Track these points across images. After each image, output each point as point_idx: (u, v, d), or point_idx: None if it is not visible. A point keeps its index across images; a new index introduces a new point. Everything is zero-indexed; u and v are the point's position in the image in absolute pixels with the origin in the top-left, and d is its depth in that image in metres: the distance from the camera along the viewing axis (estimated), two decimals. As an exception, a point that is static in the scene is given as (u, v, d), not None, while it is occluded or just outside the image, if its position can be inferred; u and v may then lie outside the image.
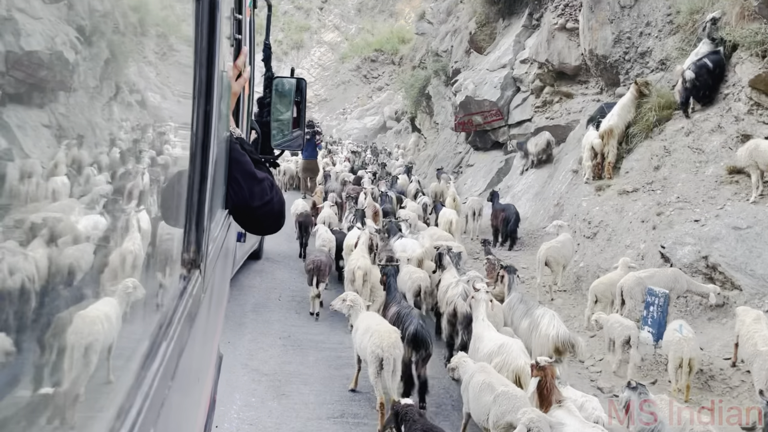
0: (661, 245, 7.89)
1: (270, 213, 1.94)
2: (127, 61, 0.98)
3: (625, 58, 11.59)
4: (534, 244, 10.64)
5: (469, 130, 15.28)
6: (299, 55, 41.00)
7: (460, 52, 22.50)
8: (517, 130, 14.36)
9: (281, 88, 3.15)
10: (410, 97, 26.06)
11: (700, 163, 9.03)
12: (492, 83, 14.54)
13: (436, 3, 26.63)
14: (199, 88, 1.27)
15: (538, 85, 13.84)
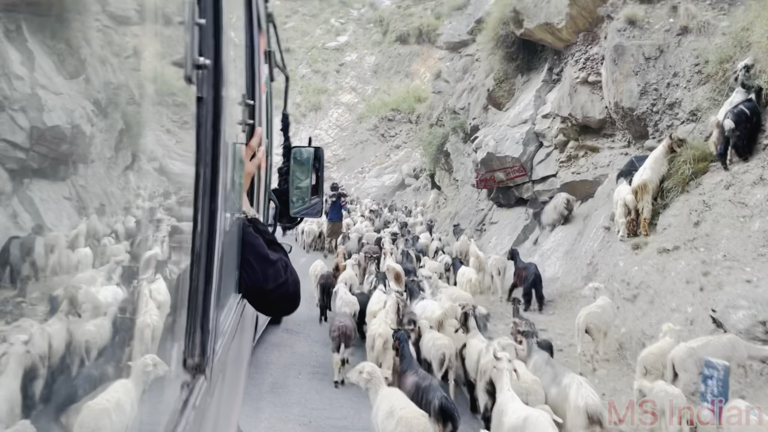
0: (712, 309, 7.20)
1: (285, 295, 1.89)
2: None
3: (652, 110, 11.16)
4: (568, 307, 9.96)
5: (491, 186, 14.83)
6: (317, 117, 41.45)
7: (478, 108, 22.37)
8: (542, 186, 13.87)
9: (299, 156, 3.18)
10: (428, 154, 25.86)
11: (744, 218, 8.41)
12: (513, 139, 14.17)
13: (452, 62, 26.77)
14: (203, 189, 1.20)
15: (562, 139, 13.43)
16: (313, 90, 41.88)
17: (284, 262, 1.91)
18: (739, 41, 9.93)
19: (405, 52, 42.67)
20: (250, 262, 1.82)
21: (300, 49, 44.67)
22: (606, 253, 10.13)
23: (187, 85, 1.04)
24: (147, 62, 1.02)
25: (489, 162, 14.49)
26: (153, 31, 1.03)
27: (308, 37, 46.03)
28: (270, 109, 3.68)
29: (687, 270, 8.11)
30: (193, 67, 1.02)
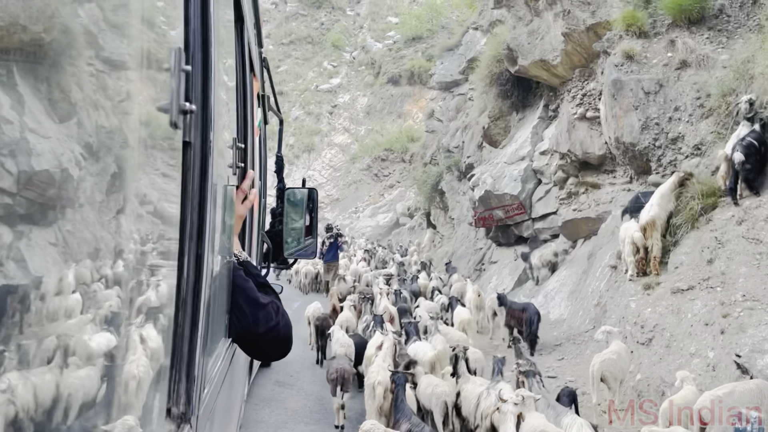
0: (736, 354, 6.68)
1: (276, 338, 1.85)
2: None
3: (655, 144, 10.83)
4: (577, 351, 9.39)
5: (489, 225, 14.40)
6: (310, 158, 41.28)
7: (472, 147, 22.14)
8: (542, 224, 13.45)
9: (293, 198, 3.16)
10: (423, 193, 25.52)
11: (761, 255, 7.97)
12: (511, 176, 13.81)
13: (444, 101, 26.69)
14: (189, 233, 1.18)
15: (561, 176, 13.07)
16: (306, 131, 41.82)
17: (275, 306, 1.86)
18: (741, 74, 9.67)
19: (397, 93, 42.81)
20: (240, 305, 1.78)
21: (293, 92, 44.79)
22: (615, 294, 9.63)
23: (173, 130, 1.03)
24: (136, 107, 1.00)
25: (487, 200, 14.09)
26: (144, 76, 1.01)
27: (301, 80, 46.22)
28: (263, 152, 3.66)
29: (705, 311, 7.61)
30: (179, 113, 1.02)
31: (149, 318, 1.07)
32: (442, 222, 26.27)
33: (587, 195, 12.55)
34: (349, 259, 21.23)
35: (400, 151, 38.19)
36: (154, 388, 1.08)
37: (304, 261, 21.36)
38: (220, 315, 1.66)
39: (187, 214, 1.17)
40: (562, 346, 9.76)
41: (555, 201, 13.18)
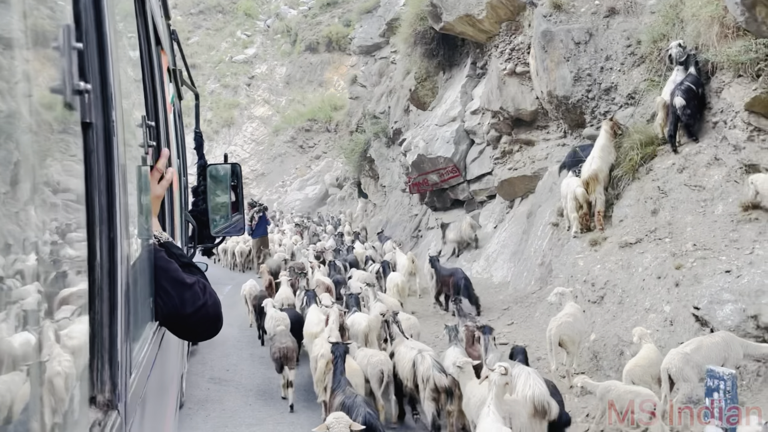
0: (694, 306, 6.41)
1: (205, 318, 1.78)
2: None
3: (588, 96, 10.48)
4: (527, 314, 9.02)
5: (424, 190, 13.82)
6: (231, 133, 39.44)
7: (399, 111, 21.46)
8: (478, 185, 13.01)
9: (216, 174, 3.07)
10: (351, 162, 24.72)
11: (705, 202, 7.76)
12: (444, 138, 13.23)
13: (366, 66, 25.77)
14: (99, 217, 1.12)
15: (494, 135, 12.61)
16: (224, 105, 39.83)
17: (202, 285, 1.80)
18: (671, 18, 9.38)
19: (316, 61, 41.42)
20: (164, 287, 1.72)
21: (206, 65, 42.40)
22: (560, 252, 9.29)
23: (69, 111, 0.98)
24: (34, 89, 0.88)
25: (420, 164, 13.48)
26: (41, 55, 0.92)
27: (214, 52, 43.82)
28: (180, 129, 3.55)
29: (656, 264, 7.32)
30: (73, 93, 0.98)
31: (64, 308, 0.98)
32: (373, 190, 25.62)
33: (522, 153, 12.16)
34: (282, 234, 20.43)
35: (324, 120, 37.06)
36: (75, 378, 1.00)
37: (233, 239, 20.54)
38: (144, 298, 1.61)
39: (94, 197, 1.10)
40: (510, 310, 9.37)
41: (489, 161, 12.74)
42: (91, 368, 1.11)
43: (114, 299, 1.18)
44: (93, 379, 1.12)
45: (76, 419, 0.99)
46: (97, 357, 1.12)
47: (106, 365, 1.15)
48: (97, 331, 1.12)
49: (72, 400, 0.98)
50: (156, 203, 1.94)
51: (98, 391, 1.13)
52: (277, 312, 8.44)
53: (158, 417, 2.04)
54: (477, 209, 13.12)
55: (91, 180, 1.09)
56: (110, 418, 1.13)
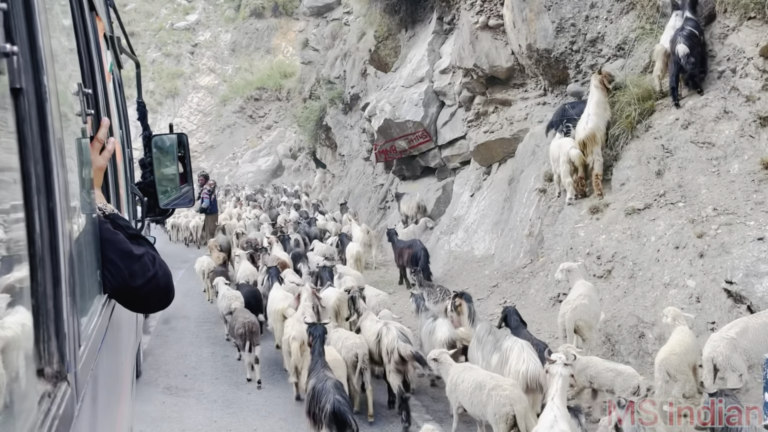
0: (726, 280, 5.54)
1: (156, 289, 1.72)
2: None
3: (572, 48, 9.45)
4: (520, 291, 8.07)
5: (393, 158, 12.64)
6: (175, 104, 37.05)
7: (355, 75, 20.07)
8: (450, 151, 11.91)
9: (162, 145, 3.00)
10: (307, 131, 23.23)
11: (717, 161, 6.89)
12: (411, 101, 12.03)
13: (318, 29, 24.10)
14: (36, 188, 1.05)
15: (467, 95, 11.49)
16: (167, 75, 37.31)
17: (151, 256, 1.73)
18: (663, -42, 8.38)
19: (262, 26, 39.16)
20: (111, 259, 1.65)
21: (146, 32, 39.53)
22: (553, 221, 8.33)
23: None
24: None
25: (387, 130, 12.27)
26: None
27: (153, 19, 40.87)
28: (121, 99, 3.43)
29: (672, 233, 6.42)
30: (0, 56, 0.92)
31: (2, 280, 0.92)
32: (331, 160, 24.26)
33: (498, 114, 11.10)
34: (240, 208, 19.04)
35: (273, 88, 35.16)
36: (20, 352, 0.96)
37: (183, 215, 19.07)
38: (90, 271, 1.54)
39: (29, 167, 1.03)
40: (499, 288, 8.41)
41: (462, 124, 11.65)
42: (37, 340, 1.06)
43: (57, 271, 1.14)
44: (40, 351, 1.08)
45: (23, 391, 0.96)
46: (42, 329, 1.08)
47: (52, 337, 1.11)
48: (41, 302, 1.07)
49: (17, 372, 0.95)
50: (99, 175, 1.86)
51: (46, 363, 1.09)
52: (229, 290, 8.14)
53: (113, 388, 2.03)
54: (450, 176, 12.06)
55: (25, 149, 1.03)
56: (60, 390, 1.10)
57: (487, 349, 5.40)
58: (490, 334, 5.48)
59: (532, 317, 7.26)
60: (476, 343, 5.54)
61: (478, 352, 5.45)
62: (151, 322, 8.70)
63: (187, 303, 9.98)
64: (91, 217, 1.62)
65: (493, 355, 5.29)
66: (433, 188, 12.17)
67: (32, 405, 0.98)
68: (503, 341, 5.28)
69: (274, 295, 7.49)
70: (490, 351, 5.34)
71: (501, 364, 5.15)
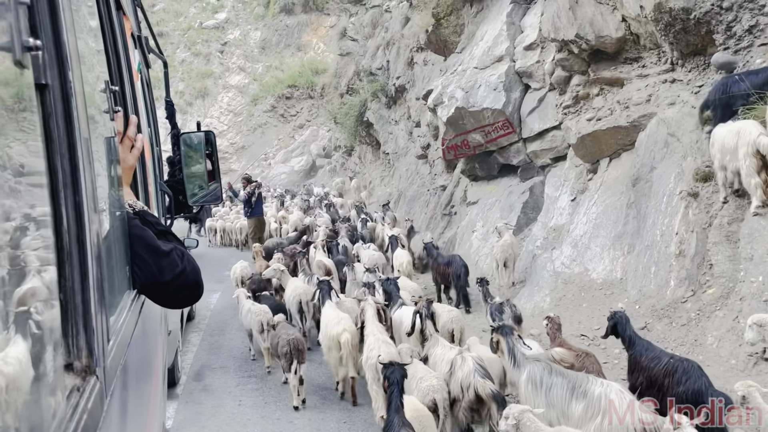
0: None
1: (184, 285, 1.71)
2: None
3: (721, 5, 6.94)
4: (690, 339, 5.60)
5: (464, 154, 10.21)
6: (205, 104, 35.15)
7: (401, 65, 17.70)
8: (539, 144, 9.47)
9: (190, 143, 2.98)
10: (345, 129, 20.91)
11: None
12: (489, 85, 9.60)
13: (356, 17, 21.76)
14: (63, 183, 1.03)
15: (561, 75, 9.03)
16: (196, 75, 35.42)
17: (180, 252, 1.71)
18: None
19: (292, 23, 37.03)
20: (140, 255, 1.64)
21: (175, 32, 37.72)
22: (721, 237, 5.84)
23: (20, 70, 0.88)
24: None
25: (458, 121, 9.86)
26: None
27: (182, 18, 39.03)
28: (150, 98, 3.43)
29: None
30: (24, 50, 0.88)
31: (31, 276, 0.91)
32: (371, 159, 21.93)
33: (604, 96, 8.62)
34: (286, 210, 17.34)
35: (305, 86, 33.02)
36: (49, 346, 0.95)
37: (234, 217, 17.69)
38: (119, 266, 1.53)
39: (56, 162, 1.01)
40: (652, 330, 5.91)
41: (555, 111, 9.20)
42: (66, 335, 1.05)
43: (84, 265, 1.11)
44: (68, 346, 1.06)
45: (52, 385, 0.94)
46: (71, 324, 1.06)
47: (81, 331, 1.09)
48: (69, 297, 1.06)
49: (46, 367, 0.93)
50: (128, 172, 1.82)
51: (75, 358, 1.08)
52: (254, 304, 7.16)
53: (143, 384, 1.94)
54: (537, 176, 9.61)
55: (51, 144, 1.01)
56: (89, 384, 1.08)
57: (557, 394, 4.14)
58: (555, 374, 4.20)
59: (723, 380, 4.82)
60: (531, 388, 4.30)
61: (538, 397, 4.20)
62: (181, 377, 6.51)
63: (224, 342, 7.75)
64: (120, 214, 1.61)
65: (574, 403, 4.02)
66: (516, 191, 9.72)
67: (61, 399, 0.96)
68: (588, 385, 3.98)
69: (327, 317, 6.22)
70: (566, 398, 4.09)
71: (590, 415, 3.87)
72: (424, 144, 13.37)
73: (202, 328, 8.53)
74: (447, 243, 10.64)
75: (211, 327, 8.55)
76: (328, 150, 30.08)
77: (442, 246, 10.71)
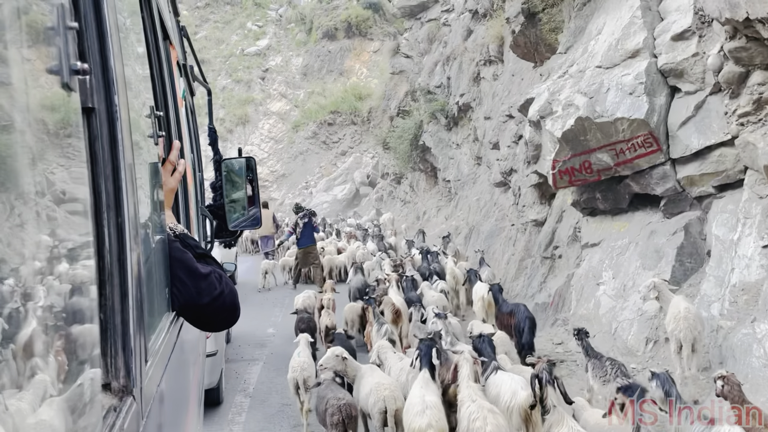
0: None
1: (222, 308, 1.67)
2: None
3: None
4: None
5: (584, 180, 7.46)
6: (246, 131, 33.31)
7: (464, 81, 15.19)
8: (697, 167, 6.67)
9: (231, 168, 2.98)
10: (399, 154, 18.43)
11: None
12: (623, 87, 6.92)
13: (410, 32, 19.45)
14: (107, 204, 1.03)
15: (735, 71, 6.31)
16: (237, 101, 33.70)
17: (218, 275, 1.67)
18: None
19: (335, 48, 35.22)
20: (180, 277, 1.61)
21: (216, 59, 36.23)
22: None
23: (67, 93, 0.87)
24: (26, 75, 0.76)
25: (580, 137, 7.18)
26: (37, 37, 0.80)
27: (224, 45, 37.61)
28: (193, 124, 3.44)
29: None
30: (71, 73, 0.87)
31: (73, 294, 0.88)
32: (424, 187, 19.36)
33: (808, 98, 5.85)
34: (347, 241, 15.55)
35: (348, 112, 30.91)
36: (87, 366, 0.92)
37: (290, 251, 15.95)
38: (159, 288, 1.49)
39: (100, 183, 1.01)
40: None
41: (722, 121, 6.46)
42: (104, 355, 1.04)
43: (125, 286, 1.10)
44: (107, 366, 1.05)
45: (89, 404, 0.90)
46: (109, 344, 1.05)
47: (119, 352, 1.07)
48: (108, 317, 1.05)
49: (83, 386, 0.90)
50: (169, 196, 1.78)
51: (112, 378, 1.07)
52: (299, 355, 5.85)
53: (180, 406, 1.91)
54: (691, 210, 6.83)
55: (95, 166, 1.01)
56: (125, 404, 1.05)
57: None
58: None
59: None
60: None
61: None
62: None
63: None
64: (161, 236, 1.58)
65: None
66: (661, 231, 6.90)
67: (98, 419, 0.94)
68: None
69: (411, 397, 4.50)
70: None
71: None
72: (505, 169, 10.72)
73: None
74: (555, 297, 7.87)
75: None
76: (373, 178, 27.72)
77: (547, 300, 7.96)
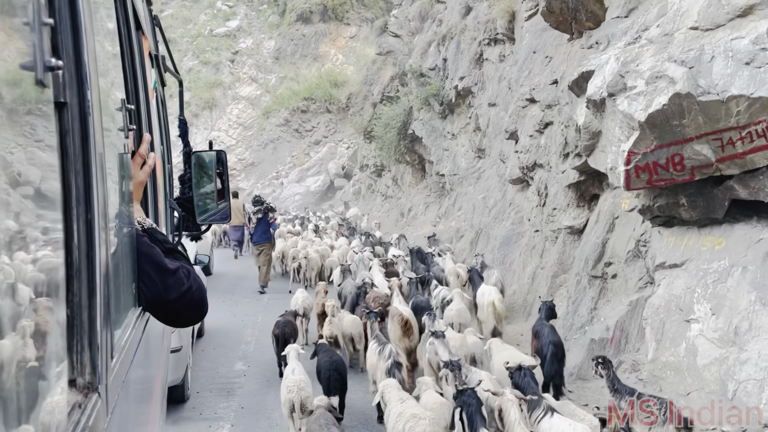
0: None
1: (189, 303, 1.62)
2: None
3: None
4: None
5: (671, 180, 5.38)
6: (213, 116, 30.47)
7: (464, 63, 13.01)
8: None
9: (201, 162, 2.86)
10: (385, 144, 16.21)
11: None
12: (733, 55, 4.91)
13: (400, 8, 17.20)
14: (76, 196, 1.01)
15: None
16: (204, 84, 30.80)
17: (186, 270, 1.63)
18: None
19: (309, 32, 32.65)
20: (147, 273, 1.56)
21: (183, 39, 33.15)
22: None
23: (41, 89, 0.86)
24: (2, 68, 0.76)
25: (673, 120, 5.12)
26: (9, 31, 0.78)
27: (192, 25, 34.54)
28: (163, 116, 3.31)
29: None
30: (45, 69, 0.86)
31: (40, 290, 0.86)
32: (410, 181, 17.21)
33: None
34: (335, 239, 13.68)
35: (323, 99, 28.50)
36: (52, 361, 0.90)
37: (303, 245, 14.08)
38: (126, 283, 1.45)
39: (70, 178, 0.98)
40: None
41: None
42: (70, 351, 1.01)
43: (92, 282, 1.07)
44: (72, 362, 1.02)
45: (54, 401, 0.88)
46: (76, 339, 1.02)
47: (85, 348, 1.04)
48: (75, 313, 1.02)
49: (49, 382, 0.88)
50: (138, 189, 1.75)
51: (78, 374, 1.04)
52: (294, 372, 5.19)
53: (143, 402, 1.88)
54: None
55: (66, 161, 0.99)
56: (90, 401, 1.03)
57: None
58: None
59: None
60: None
61: None
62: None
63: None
64: (129, 231, 1.54)
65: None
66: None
67: (62, 415, 0.91)
68: None
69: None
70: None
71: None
72: (527, 163, 8.65)
73: None
74: (615, 331, 5.83)
75: None
76: (349, 169, 25.44)
77: (605, 336, 5.93)
